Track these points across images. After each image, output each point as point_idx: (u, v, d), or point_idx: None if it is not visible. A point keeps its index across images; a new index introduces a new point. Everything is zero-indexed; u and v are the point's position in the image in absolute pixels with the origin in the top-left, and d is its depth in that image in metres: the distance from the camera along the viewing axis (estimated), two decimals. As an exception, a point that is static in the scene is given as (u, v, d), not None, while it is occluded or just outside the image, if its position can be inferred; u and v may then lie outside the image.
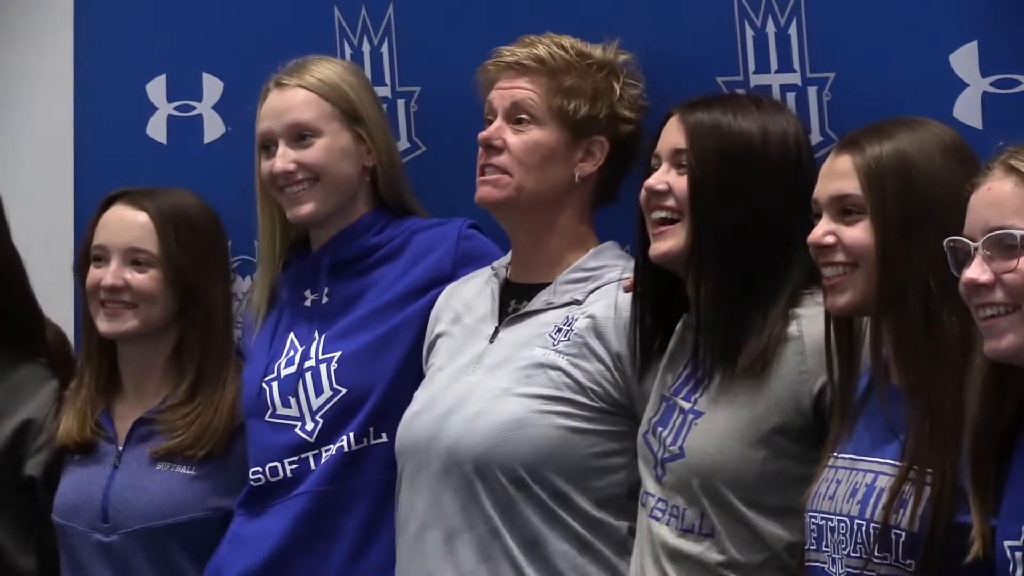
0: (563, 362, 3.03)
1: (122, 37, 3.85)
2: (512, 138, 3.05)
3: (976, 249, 2.37)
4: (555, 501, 3.00)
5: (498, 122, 3.07)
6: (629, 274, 3.04)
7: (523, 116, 3.06)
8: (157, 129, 3.83)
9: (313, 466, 3.23)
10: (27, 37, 4.13)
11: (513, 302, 3.13)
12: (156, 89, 3.82)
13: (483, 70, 3.15)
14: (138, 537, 3.34)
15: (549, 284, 3.10)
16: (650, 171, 2.91)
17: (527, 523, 3.00)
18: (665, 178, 2.89)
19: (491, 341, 3.10)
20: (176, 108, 3.80)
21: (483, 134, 3.07)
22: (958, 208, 2.45)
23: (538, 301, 3.09)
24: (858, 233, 2.63)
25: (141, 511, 3.34)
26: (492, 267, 3.15)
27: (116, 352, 3.39)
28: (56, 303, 3.63)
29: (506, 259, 3.15)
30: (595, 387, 3.02)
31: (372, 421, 3.25)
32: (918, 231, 2.57)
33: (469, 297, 3.17)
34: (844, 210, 2.64)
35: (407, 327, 3.27)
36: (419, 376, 3.20)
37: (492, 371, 3.06)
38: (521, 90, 3.08)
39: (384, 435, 3.23)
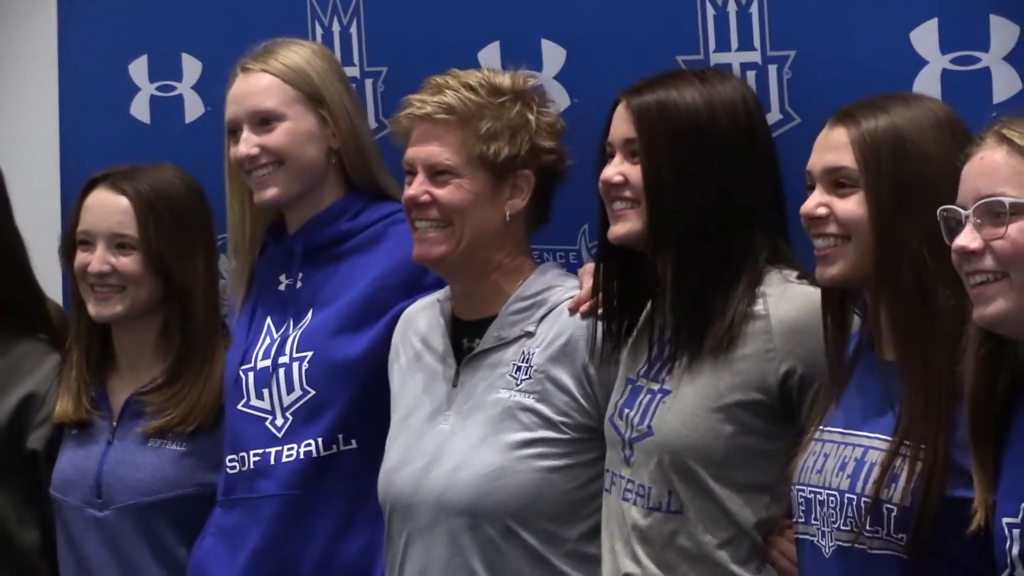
0: (529, 401, 2.91)
1: (104, 19, 3.75)
2: (438, 191, 2.93)
3: (967, 217, 2.30)
4: (541, 543, 2.89)
5: (420, 178, 2.94)
6: (573, 293, 2.95)
7: (445, 172, 2.93)
8: (140, 109, 3.73)
9: (272, 461, 3.13)
10: (10, 19, 4.02)
11: (465, 340, 3.00)
12: (138, 70, 3.72)
13: (395, 121, 3.03)
14: (129, 513, 3.24)
15: (493, 318, 2.98)
16: (605, 158, 2.80)
17: (512, 570, 2.89)
18: (620, 169, 2.77)
19: (454, 385, 2.98)
20: (158, 88, 3.71)
21: (408, 194, 2.96)
22: (951, 182, 2.37)
23: (489, 339, 2.97)
24: (851, 206, 2.52)
25: (133, 487, 3.24)
26: (439, 300, 3.05)
27: (108, 331, 3.30)
28: (44, 282, 3.52)
29: (446, 293, 3.05)
30: (565, 419, 2.90)
31: (340, 428, 3.14)
32: (912, 205, 2.47)
33: (424, 331, 3.06)
34: (837, 182, 2.53)
35: (377, 339, 3.16)
36: (386, 386, 3.11)
37: (463, 421, 2.96)
38: (436, 150, 2.94)
39: (354, 442, 3.13)
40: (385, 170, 3.20)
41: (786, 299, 2.67)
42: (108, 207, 3.23)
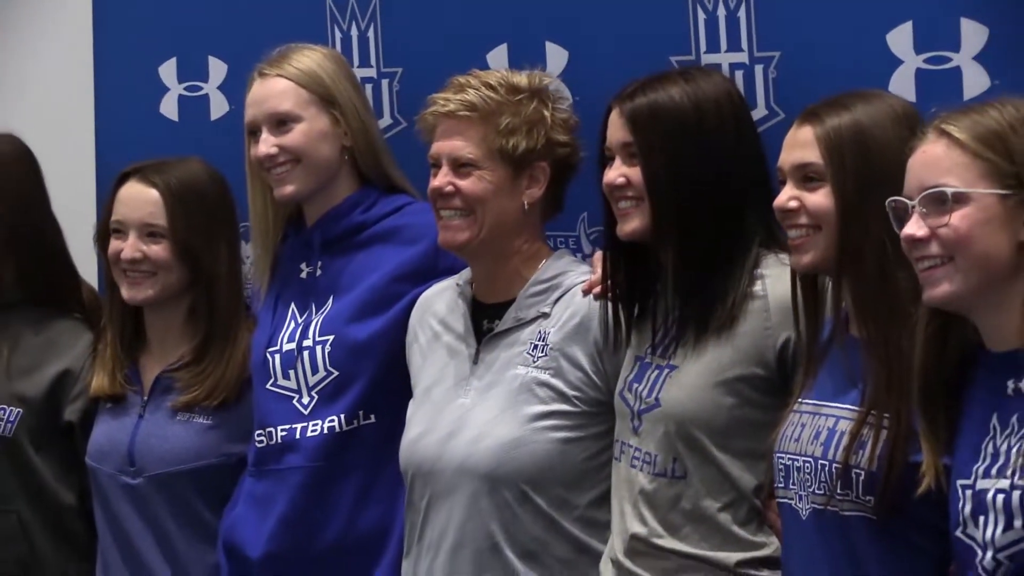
0: (545, 376, 2.93)
1: (136, 24, 3.76)
2: (461, 182, 2.95)
3: (913, 207, 2.33)
4: (553, 508, 2.91)
5: (445, 170, 2.96)
6: (586, 277, 2.97)
7: (467, 164, 2.95)
8: (169, 107, 3.73)
9: (299, 435, 3.14)
10: (49, 25, 4.01)
11: (485, 322, 3.02)
12: (168, 71, 3.72)
13: (421, 119, 3.05)
14: (160, 481, 3.25)
15: (512, 301, 3.00)
16: (605, 161, 2.83)
17: (527, 534, 2.91)
18: (621, 171, 2.79)
19: (475, 362, 3.00)
20: (186, 88, 3.71)
21: (434, 185, 2.98)
22: None
23: (508, 319, 2.99)
24: (820, 198, 2.55)
25: (163, 457, 3.25)
26: (458, 284, 3.07)
27: (140, 313, 3.32)
28: (80, 266, 3.53)
29: (468, 275, 3.07)
30: (578, 394, 2.91)
31: (361, 404, 3.15)
32: (874, 196, 2.47)
33: (443, 314, 3.07)
34: (806, 177, 2.57)
35: (394, 321, 3.16)
36: (404, 366, 3.13)
37: (483, 394, 2.97)
38: (459, 144, 2.96)
39: (373, 416, 3.14)
40: (395, 164, 3.22)
41: (782, 280, 2.68)
42: (140, 199, 3.25)
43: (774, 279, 2.72)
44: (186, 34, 3.67)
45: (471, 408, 2.97)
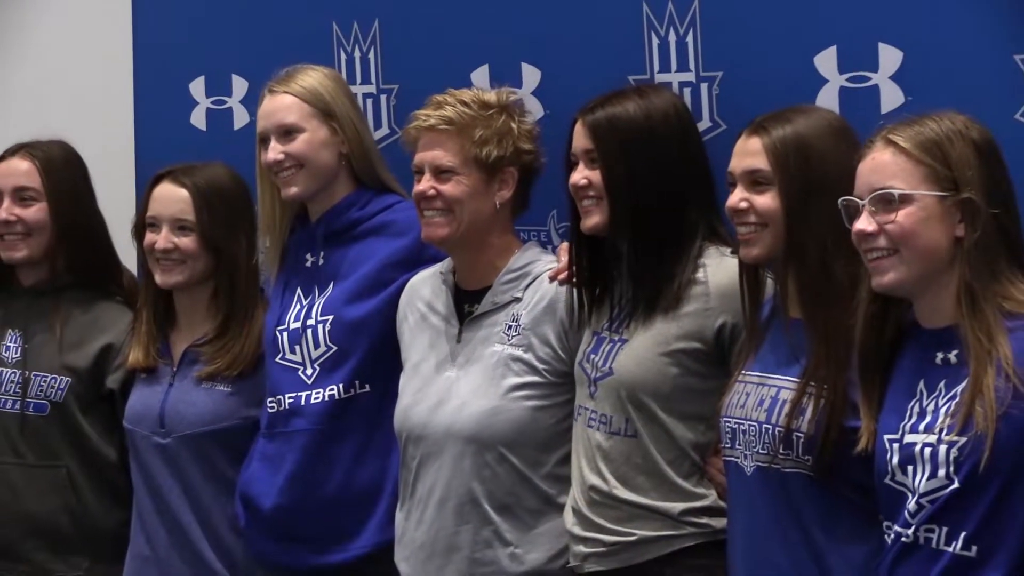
0: (518, 352, 2.90)
1: (170, 46, 3.71)
2: (442, 186, 2.92)
3: (864, 206, 2.34)
4: (527, 467, 2.88)
5: (427, 176, 2.93)
6: (552, 265, 2.95)
7: (447, 170, 2.92)
8: (198, 118, 3.69)
9: (303, 402, 3.11)
10: (94, 49, 3.97)
11: (466, 305, 2.99)
12: (197, 87, 3.68)
13: (405, 132, 3.02)
14: (187, 440, 3.21)
15: (489, 287, 2.97)
16: (571, 166, 2.81)
17: (502, 489, 2.88)
18: (584, 174, 2.78)
19: (458, 341, 2.97)
20: (212, 102, 3.67)
21: (417, 189, 2.95)
22: (845, 178, 2.41)
23: (486, 303, 2.96)
24: (767, 200, 2.53)
25: (190, 420, 3.21)
26: (441, 272, 3.04)
27: (171, 296, 3.28)
28: (120, 255, 3.47)
29: (450, 264, 3.04)
30: (547, 367, 2.89)
31: (357, 375, 3.11)
32: (814, 198, 2.49)
33: (428, 298, 3.04)
34: (755, 181, 2.55)
35: (386, 303, 3.12)
36: (394, 342, 3.09)
37: (465, 369, 2.94)
38: (439, 154, 2.93)
39: (368, 386, 3.11)
40: (387, 168, 3.20)
41: (722, 269, 2.68)
42: (171, 197, 3.20)
43: (714, 268, 2.71)
44: (213, 55, 3.63)
45: (455, 380, 2.94)
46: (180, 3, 3.66)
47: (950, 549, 2.26)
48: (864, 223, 2.33)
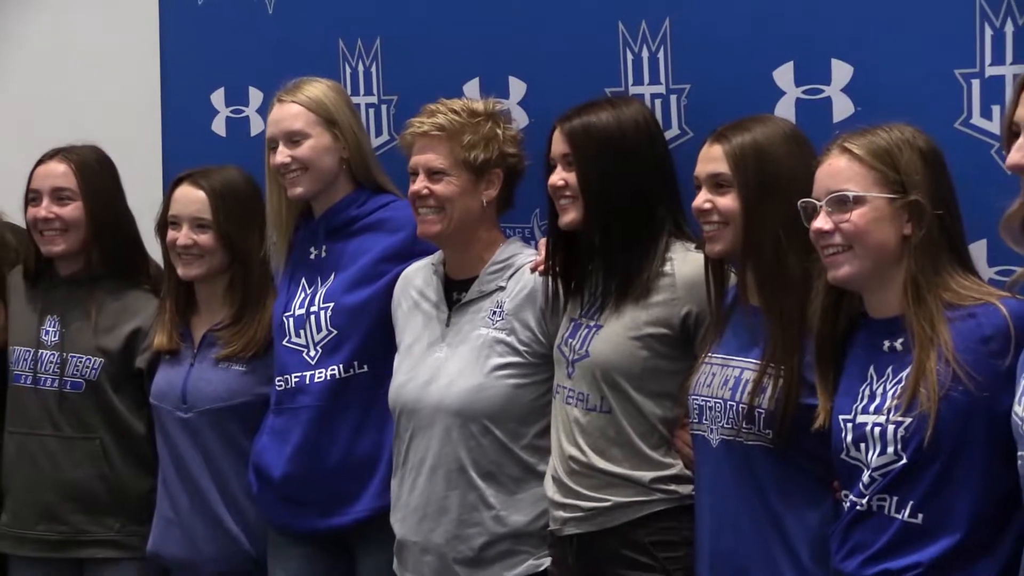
0: (502, 335, 2.87)
1: (194, 61, 3.64)
2: (436, 187, 2.89)
3: (821, 207, 2.33)
4: (509, 438, 2.85)
5: (421, 177, 2.91)
6: (532, 258, 2.91)
7: (438, 172, 2.89)
8: (219, 126, 3.62)
9: (308, 381, 3.07)
10: (125, 63, 3.88)
11: (455, 293, 2.95)
12: (217, 98, 3.61)
13: (401, 138, 3.00)
14: (207, 415, 3.16)
15: (475, 278, 2.94)
16: (550, 169, 2.78)
17: (487, 459, 2.85)
18: (561, 176, 2.75)
19: (447, 325, 2.94)
20: (231, 112, 3.59)
21: (413, 189, 2.92)
22: (798, 181, 2.42)
23: (473, 292, 2.93)
24: (728, 201, 2.51)
25: (208, 396, 3.17)
26: (432, 264, 3.01)
27: (191, 286, 3.24)
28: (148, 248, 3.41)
29: (440, 256, 3.00)
30: (527, 349, 2.85)
31: (356, 356, 3.06)
32: (770, 199, 2.47)
33: (420, 286, 3.00)
34: (717, 184, 2.53)
35: (381, 291, 3.07)
36: (389, 327, 3.05)
37: (454, 350, 2.91)
38: (431, 157, 2.90)
39: (365, 366, 3.06)
40: (382, 171, 3.15)
41: (687, 262, 2.66)
42: (191, 198, 3.16)
43: (680, 261, 2.69)
44: (232, 69, 3.56)
45: (445, 361, 2.90)
46: (202, 22, 3.60)
47: (900, 517, 2.26)
48: (821, 222, 2.31)
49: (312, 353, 3.04)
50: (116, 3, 3.86)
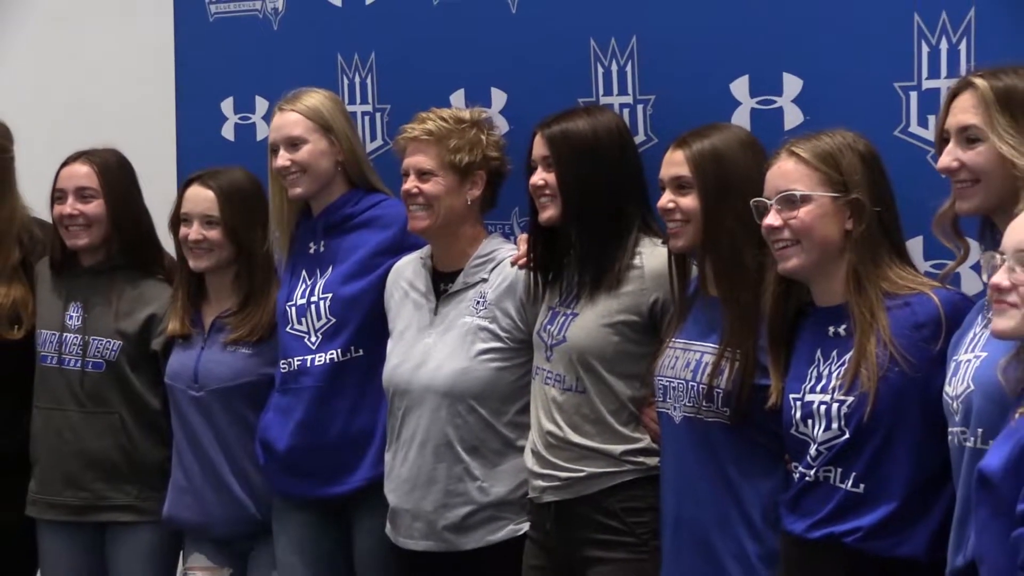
0: (485, 323, 2.85)
1: (205, 73, 3.59)
2: (425, 186, 2.87)
3: (771, 205, 2.32)
4: (492, 416, 2.83)
5: (412, 178, 2.88)
6: (513, 252, 2.89)
7: (427, 173, 2.87)
8: (228, 132, 3.56)
9: (309, 364, 3.03)
10: (143, 76, 3.88)
11: (442, 284, 2.93)
12: (227, 106, 3.56)
13: (395, 142, 2.99)
14: (216, 393, 3.12)
15: (462, 269, 2.91)
16: (531, 170, 2.77)
17: (472, 434, 2.83)
18: (541, 176, 2.73)
19: (435, 313, 2.91)
20: (239, 118, 3.54)
21: (404, 188, 2.90)
22: (752, 182, 2.41)
23: (458, 283, 2.91)
24: (689, 201, 2.51)
25: (218, 376, 3.13)
26: (421, 257, 2.99)
27: (202, 277, 3.20)
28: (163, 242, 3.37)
29: (428, 250, 2.98)
30: (508, 335, 2.83)
31: (352, 342, 3.03)
32: (727, 199, 2.47)
33: (410, 278, 2.98)
34: (680, 186, 2.52)
35: (375, 282, 3.03)
36: (382, 315, 3.02)
37: (441, 336, 2.88)
38: (421, 159, 2.88)
39: (361, 351, 3.03)
40: (375, 173, 3.12)
41: (654, 256, 2.65)
42: (200, 197, 3.13)
43: (648, 255, 2.67)
44: (240, 80, 3.52)
45: (433, 346, 2.88)
46: (213, 38, 3.55)
47: (844, 486, 2.26)
48: (772, 219, 2.31)
49: (313, 339, 3.01)
50: (136, 21, 3.84)
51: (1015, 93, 2.13)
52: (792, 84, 2.71)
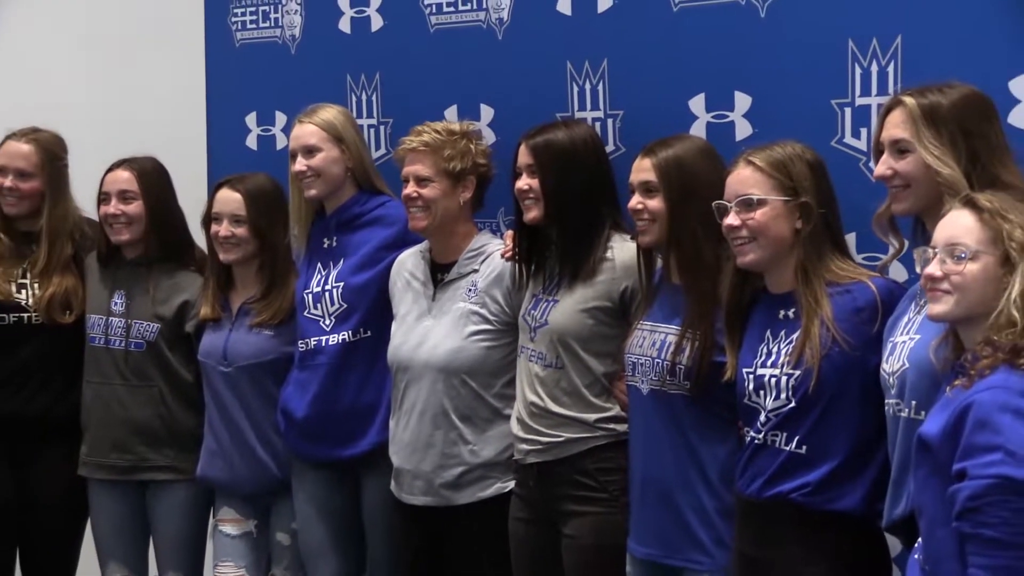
0: (476, 308, 2.79)
1: (232, 91, 3.50)
2: (423, 191, 2.81)
3: (731, 207, 2.29)
4: (482, 388, 2.78)
5: (411, 184, 2.82)
6: (500, 246, 2.84)
7: (425, 179, 2.81)
8: (251, 142, 3.48)
9: (324, 344, 2.97)
10: (177, 94, 3.75)
11: (439, 274, 2.88)
12: (251, 119, 3.48)
13: (395, 152, 2.93)
14: (243, 369, 3.06)
15: (455, 262, 2.86)
16: (516, 176, 2.71)
17: (464, 404, 2.78)
18: (526, 181, 2.68)
19: (433, 299, 2.86)
20: (261, 130, 3.46)
21: (405, 193, 2.85)
22: (711, 187, 2.37)
23: (453, 273, 2.85)
24: (656, 203, 2.47)
25: (245, 355, 3.06)
26: (421, 251, 2.93)
27: (230, 268, 3.13)
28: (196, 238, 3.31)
29: (427, 245, 2.92)
30: (496, 318, 2.77)
31: (361, 324, 2.96)
32: (689, 201, 2.43)
33: (411, 269, 2.92)
34: (647, 189, 2.48)
35: (381, 273, 2.96)
36: (387, 301, 2.95)
37: (438, 320, 2.83)
38: (420, 168, 2.81)
39: (369, 332, 2.96)
40: (380, 177, 3.06)
41: (624, 250, 2.60)
42: (229, 198, 3.06)
43: (618, 249, 2.63)
44: (262, 97, 3.44)
45: (431, 328, 2.83)
46: (239, 61, 3.47)
47: (788, 448, 2.24)
48: (732, 219, 2.28)
49: (327, 322, 2.96)
50: (173, 48, 3.75)
51: (939, 109, 2.10)
52: (743, 101, 2.67)
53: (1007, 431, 1.76)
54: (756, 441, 2.27)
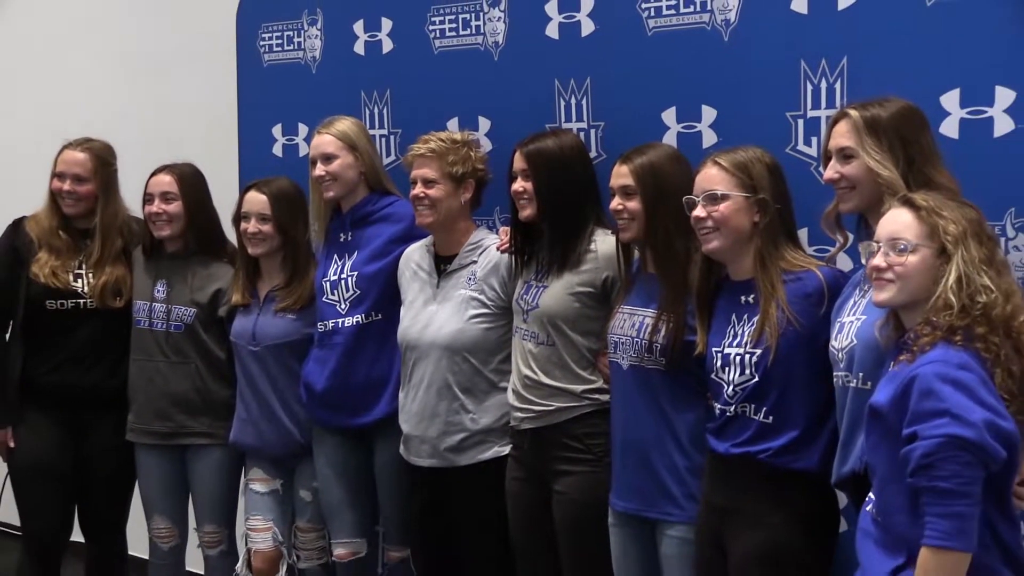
0: (475, 295, 2.77)
1: (261, 105, 3.44)
2: (429, 192, 2.79)
3: (699, 201, 2.28)
4: (481, 364, 2.76)
5: (419, 186, 2.80)
6: (496, 241, 2.82)
7: (431, 181, 2.79)
8: (277, 150, 3.43)
9: (340, 326, 2.94)
10: (213, 108, 3.67)
11: (442, 265, 2.85)
12: (277, 130, 3.43)
13: (405, 159, 2.90)
14: (270, 348, 3.02)
15: (456, 254, 2.84)
16: (512, 179, 2.69)
17: (465, 378, 2.76)
18: (521, 184, 2.66)
19: (437, 287, 2.83)
20: (286, 140, 3.41)
21: (413, 194, 2.83)
22: (681, 188, 2.35)
23: (455, 264, 2.83)
24: (634, 204, 2.45)
25: (271, 335, 3.03)
26: (426, 244, 2.92)
27: (257, 260, 3.09)
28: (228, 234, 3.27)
29: (431, 239, 2.90)
30: (493, 303, 2.75)
31: (373, 308, 2.93)
32: (663, 202, 2.41)
33: (418, 260, 2.90)
34: (626, 192, 2.46)
35: (390, 264, 2.93)
36: (396, 288, 2.92)
37: (442, 304, 2.80)
38: (426, 171, 2.79)
39: (380, 315, 2.94)
40: (390, 180, 3.03)
41: (605, 243, 2.59)
42: (256, 199, 3.04)
43: (601, 242, 2.62)
44: (286, 110, 3.41)
45: (436, 312, 2.81)
46: (267, 78, 3.43)
47: (757, 418, 2.23)
48: (699, 212, 2.28)
49: (343, 306, 2.93)
50: (209, 68, 3.70)
51: (879, 120, 2.11)
52: (709, 113, 2.66)
53: (949, 398, 1.79)
54: (728, 413, 2.26)
